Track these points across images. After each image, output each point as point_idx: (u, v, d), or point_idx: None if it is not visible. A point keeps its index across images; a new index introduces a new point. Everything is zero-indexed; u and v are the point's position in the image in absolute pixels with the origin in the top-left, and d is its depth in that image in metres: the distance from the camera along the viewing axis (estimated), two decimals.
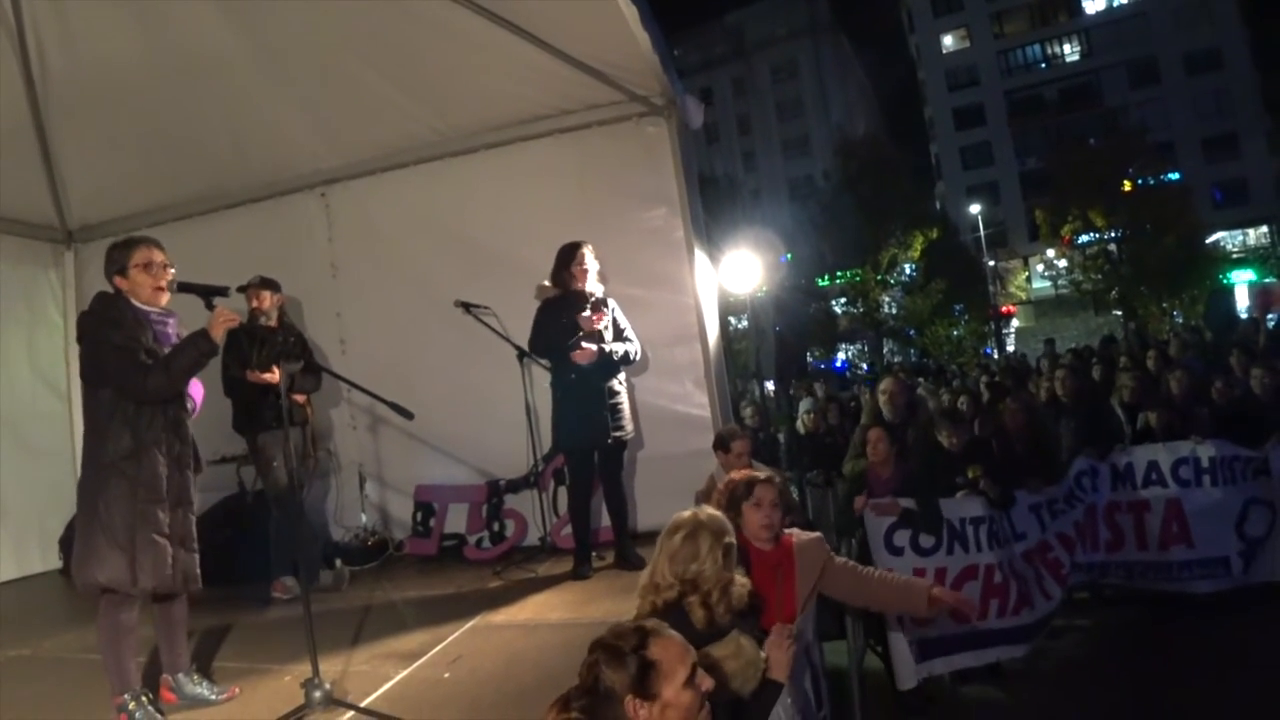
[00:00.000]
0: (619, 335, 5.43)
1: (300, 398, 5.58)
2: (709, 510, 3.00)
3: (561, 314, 5.30)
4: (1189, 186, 37.03)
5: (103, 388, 3.46)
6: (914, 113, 54.12)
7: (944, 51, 50.87)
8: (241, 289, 5.44)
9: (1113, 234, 34.16)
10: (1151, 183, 34.52)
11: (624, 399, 5.40)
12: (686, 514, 2.95)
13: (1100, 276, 35.11)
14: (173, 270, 3.63)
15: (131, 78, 5.86)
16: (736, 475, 3.62)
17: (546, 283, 5.50)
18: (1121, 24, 45.76)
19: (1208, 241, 36.15)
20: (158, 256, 3.59)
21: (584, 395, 5.22)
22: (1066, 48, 48.11)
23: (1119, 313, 35.71)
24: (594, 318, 5.26)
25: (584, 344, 5.19)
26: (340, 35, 5.69)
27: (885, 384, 7.20)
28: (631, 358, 5.47)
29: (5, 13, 5.51)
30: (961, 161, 49.83)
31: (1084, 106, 44.60)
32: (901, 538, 5.14)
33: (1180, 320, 31.49)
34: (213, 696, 3.69)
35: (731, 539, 2.89)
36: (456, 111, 6.35)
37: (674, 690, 2.04)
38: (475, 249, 6.45)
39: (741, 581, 2.92)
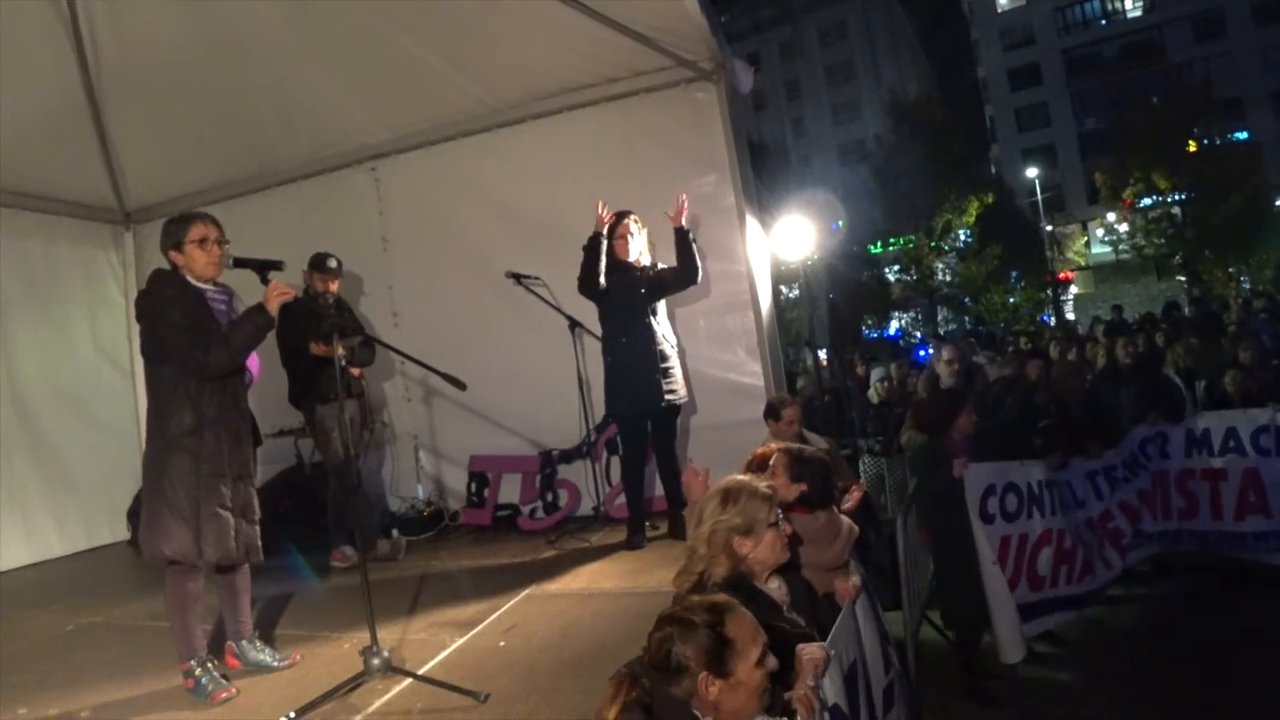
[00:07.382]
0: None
1: (356, 370, 5.65)
2: (745, 478, 2.79)
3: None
4: (1258, 144, 35.48)
5: (164, 365, 3.52)
6: (967, 74, 52.72)
7: (998, 10, 49.31)
8: (316, 265, 5.53)
9: (1177, 196, 32.99)
10: (1218, 141, 33.15)
11: (675, 363, 5.35)
12: (730, 477, 2.82)
13: (1163, 240, 34.00)
14: (228, 245, 3.67)
15: (182, 59, 5.92)
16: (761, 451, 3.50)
17: None
18: None
19: (1278, 203, 34.79)
20: (212, 232, 3.62)
21: (635, 360, 5.20)
22: (1128, 2, 46.21)
23: (1182, 278, 34.60)
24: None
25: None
26: (385, 9, 5.68)
27: (946, 351, 7.11)
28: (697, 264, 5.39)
29: (59, 1, 5.59)
30: (1017, 123, 48.34)
31: (1146, 63, 42.71)
32: (993, 504, 4.94)
33: (1247, 285, 30.43)
34: (275, 663, 3.77)
35: (745, 516, 2.63)
36: (504, 83, 6.33)
37: (747, 669, 1.99)
38: (525, 220, 6.44)
39: (733, 562, 2.62)
